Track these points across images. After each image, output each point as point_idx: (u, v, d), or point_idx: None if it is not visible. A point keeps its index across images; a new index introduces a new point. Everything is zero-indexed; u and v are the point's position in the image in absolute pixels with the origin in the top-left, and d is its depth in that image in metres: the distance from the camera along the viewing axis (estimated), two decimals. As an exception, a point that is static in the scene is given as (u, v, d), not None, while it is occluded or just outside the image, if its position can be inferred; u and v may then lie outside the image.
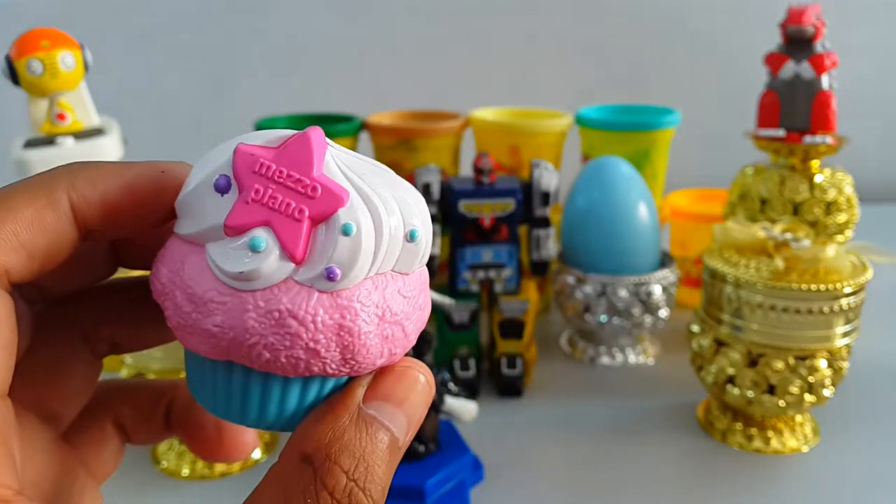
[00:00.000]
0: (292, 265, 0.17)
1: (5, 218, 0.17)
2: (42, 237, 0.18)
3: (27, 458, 0.20)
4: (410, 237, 0.19)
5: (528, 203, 0.56)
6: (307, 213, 0.18)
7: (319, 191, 0.18)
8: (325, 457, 0.17)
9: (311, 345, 0.17)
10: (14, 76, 0.52)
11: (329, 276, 0.17)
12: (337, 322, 0.17)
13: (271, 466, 0.18)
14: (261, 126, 0.67)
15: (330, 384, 0.19)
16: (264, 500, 0.18)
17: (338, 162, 0.18)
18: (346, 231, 0.17)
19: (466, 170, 0.63)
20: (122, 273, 0.23)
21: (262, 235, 0.17)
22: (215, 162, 0.18)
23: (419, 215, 0.19)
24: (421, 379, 0.20)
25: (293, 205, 0.18)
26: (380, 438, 0.18)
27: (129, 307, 0.23)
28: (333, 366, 0.18)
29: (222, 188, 0.18)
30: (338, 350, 0.18)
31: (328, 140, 0.19)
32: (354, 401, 0.19)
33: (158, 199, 0.19)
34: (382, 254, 0.18)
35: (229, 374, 0.18)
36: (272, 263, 0.17)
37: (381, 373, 0.19)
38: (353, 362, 0.18)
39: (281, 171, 0.18)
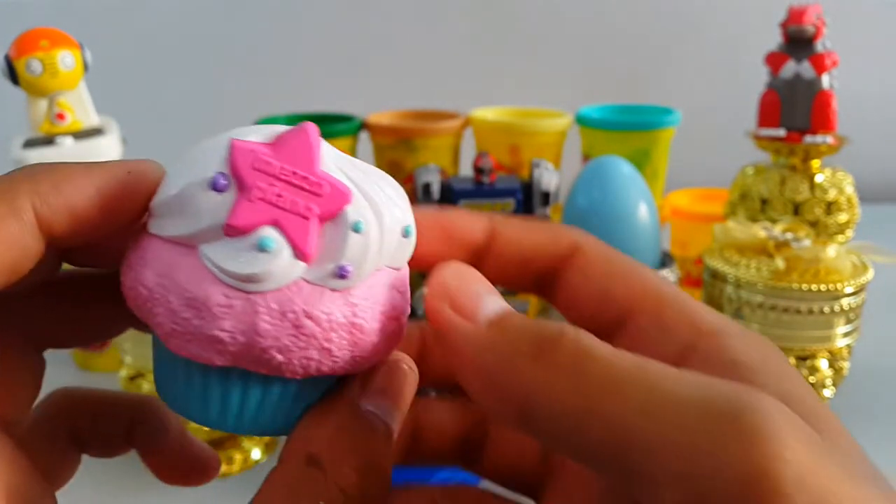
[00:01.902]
0: (303, 265, 0.17)
1: None
2: (6, 251, 0.17)
3: None
4: (405, 233, 0.19)
5: (529, 203, 0.56)
6: (315, 210, 0.17)
7: (326, 188, 0.17)
8: (333, 457, 0.17)
9: (325, 344, 0.17)
10: (13, 76, 0.52)
11: (341, 274, 0.17)
12: (349, 320, 0.17)
13: (272, 471, 0.18)
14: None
15: (325, 384, 0.19)
16: None
17: (332, 158, 0.18)
18: (356, 228, 0.17)
19: (466, 170, 0.63)
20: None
21: (271, 235, 0.16)
22: (207, 159, 0.17)
23: (408, 211, 0.19)
24: (409, 370, 0.20)
25: (300, 202, 0.17)
26: (381, 434, 0.18)
27: (71, 304, 0.22)
28: (341, 364, 0.18)
29: (220, 187, 0.17)
30: (348, 348, 0.17)
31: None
32: (353, 399, 0.19)
33: (127, 201, 0.18)
34: (384, 250, 0.18)
35: (225, 381, 0.18)
36: (283, 263, 0.16)
37: (372, 368, 0.19)
38: (360, 359, 0.18)
39: (284, 168, 0.17)
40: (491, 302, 0.18)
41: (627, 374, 0.16)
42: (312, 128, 0.18)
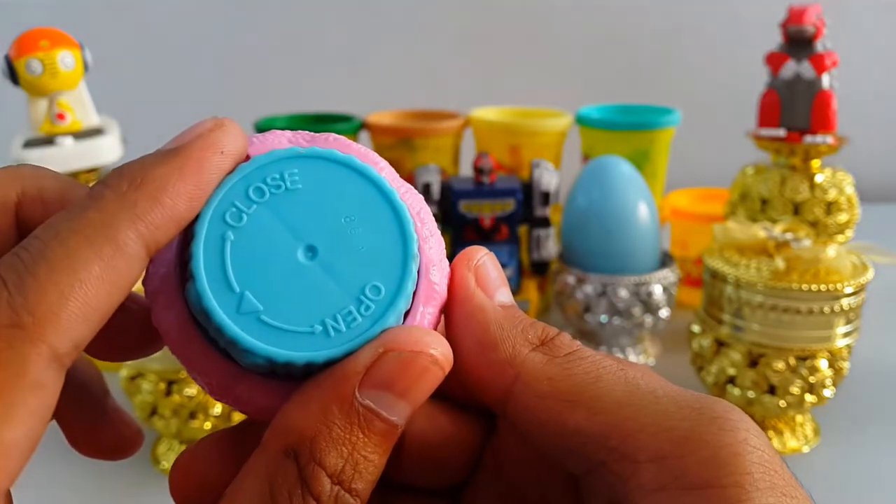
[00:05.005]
0: None
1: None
2: (113, 292, 0.16)
3: None
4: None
5: (529, 203, 0.56)
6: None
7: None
8: (310, 457, 0.16)
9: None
10: (14, 76, 0.52)
11: None
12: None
13: (253, 454, 0.17)
14: (261, 126, 0.67)
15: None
16: (250, 496, 0.16)
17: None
18: None
19: (466, 170, 0.63)
20: None
21: None
22: None
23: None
24: (430, 366, 0.17)
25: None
26: (374, 430, 0.16)
27: None
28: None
29: None
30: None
31: None
32: (348, 387, 0.16)
33: (211, 187, 0.18)
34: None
35: None
36: None
37: (384, 357, 0.17)
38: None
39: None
40: (505, 292, 0.20)
41: (610, 371, 0.18)
42: None
